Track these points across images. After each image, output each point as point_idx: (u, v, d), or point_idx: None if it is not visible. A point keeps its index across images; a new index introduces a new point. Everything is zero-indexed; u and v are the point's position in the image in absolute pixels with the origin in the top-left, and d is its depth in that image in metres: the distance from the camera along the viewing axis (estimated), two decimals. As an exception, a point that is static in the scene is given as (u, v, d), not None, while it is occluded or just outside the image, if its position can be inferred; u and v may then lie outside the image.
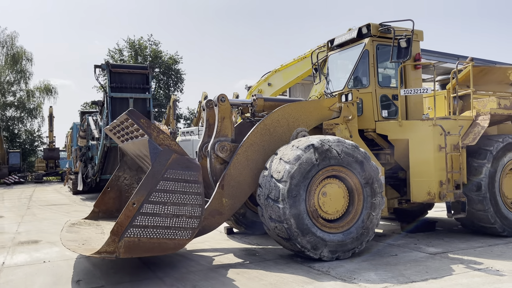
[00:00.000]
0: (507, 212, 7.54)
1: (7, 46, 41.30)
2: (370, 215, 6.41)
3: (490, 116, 7.58)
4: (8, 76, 42.25)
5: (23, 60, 42.20)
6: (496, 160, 7.48)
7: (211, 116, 7.43)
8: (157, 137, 5.40)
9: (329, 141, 6.27)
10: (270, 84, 14.42)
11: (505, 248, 6.70)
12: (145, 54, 45.07)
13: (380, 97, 7.77)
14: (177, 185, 5.28)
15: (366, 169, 6.39)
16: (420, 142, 7.42)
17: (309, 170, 6.06)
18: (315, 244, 6.03)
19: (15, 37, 41.79)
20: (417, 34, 8.17)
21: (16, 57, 41.59)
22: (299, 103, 7.28)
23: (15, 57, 41.43)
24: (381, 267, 5.77)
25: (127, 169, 7.81)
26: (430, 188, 7.32)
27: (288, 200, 5.91)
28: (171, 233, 5.21)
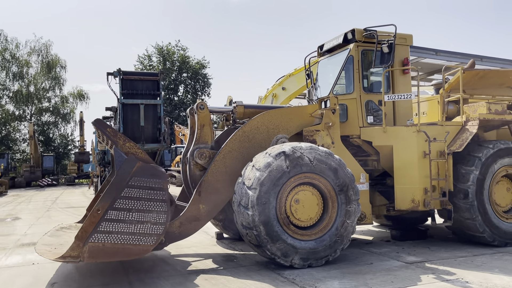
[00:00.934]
0: (497, 221, 7.28)
1: (42, 54, 43.14)
2: (344, 222, 6.36)
3: (479, 121, 7.35)
4: (44, 82, 44.08)
5: (57, 67, 43.90)
6: (486, 167, 7.24)
7: (194, 123, 7.56)
8: (123, 145, 5.59)
9: (302, 148, 6.28)
10: (284, 88, 14.48)
11: (488, 259, 6.48)
12: (173, 59, 45.94)
13: (365, 103, 7.69)
14: (142, 192, 5.44)
15: (340, 176, 6.35)
16: (404, 148, 7.30)
17: (279, 177, 6.09)
18: (286, 252, 6.05)
19: (49, 45, 43.64)
20: (406, 38, 8.06)
21: (51, 65, 43.36)
22: (279, 110, 7.32)
23: (50, 65, 43.20)
24: (350, 275, 5.72)
25: None
26: (414, 195, 7.19)
27: (257, 207, 5.96)
28: (136, 239, 5.37)
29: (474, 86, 8.48)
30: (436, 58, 20.59)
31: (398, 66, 7.89)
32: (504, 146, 7.41)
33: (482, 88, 8.65)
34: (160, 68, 44.29)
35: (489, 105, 7.50)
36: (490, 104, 7.53)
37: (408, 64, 7.93)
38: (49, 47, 43.41)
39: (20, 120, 43.98)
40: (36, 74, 43.70)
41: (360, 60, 7.71)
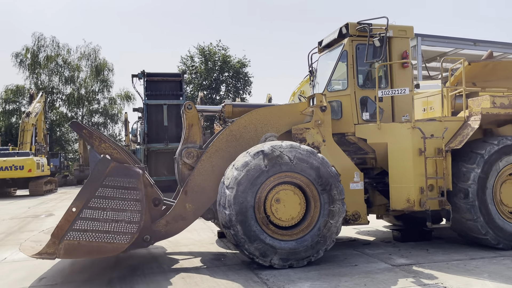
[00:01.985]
0: (502, 222, 6.80)
1: (91, 59, 45.15)
2: (327, 223, 6.19)
3: (481, 116, 6.89)
4: (93, 85, 46.17)
5: (105, 70, 45.81)
6: (489, 164, 6.78)
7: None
8: (98, 146, 5.75)
9: (281, 147, 6.18)
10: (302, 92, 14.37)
11: (485, 263, 6.08)
12: (214, 59, 46.55)
13: (360, 99, 7.43)
14: (116, 192, 5.57)
15: (322, 175, 6.19)
16: (398, 146, 6.99)
17: (257, 177, 6.02)
18: (264, 252, 5.98)
19: (98, 50, 45.60)
20: (406, 30, 7.71)
21: (99, 68, 45.32)
22: (268, 108, 7.23)
23: (98, 68, 45.15)
24: (326, 277, 5.57)
25: None
26: (410, 195, 6.87)
27: (234, 207, 5.93)
28: (110, 237, 5.51)
29: (487, 78, 8.00)
30: (475, 49, 19.63)
31: (398, 59, 7.56)
32: (511, 142, 6.91)
33: (497, 80, 8.16)
34: (202, 68, 45.07)
35: (494, 98, 7.01)
36: (494, 97, 7.03)
37: (407, 57, 7.57)
38: (97, 51, 45.39)
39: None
40: (86, 78, 45.84)
41: (355, 55, 7.46)
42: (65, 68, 45.24)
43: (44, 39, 44.24)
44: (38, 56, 44.09)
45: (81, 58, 45.68)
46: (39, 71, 44.48)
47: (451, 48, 19.67)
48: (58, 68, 44.85)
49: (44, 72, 44.67)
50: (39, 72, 44.56)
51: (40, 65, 44.16)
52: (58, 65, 44.80)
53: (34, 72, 44.36)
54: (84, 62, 45.84)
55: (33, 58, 43.88)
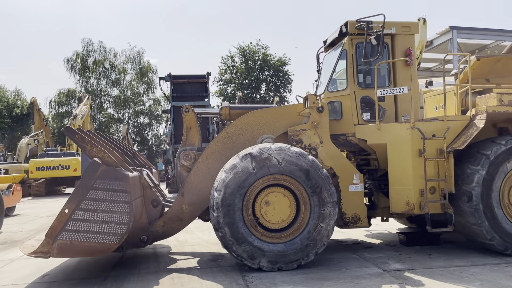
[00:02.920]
0: (510, 227, 6.41)
1: (135, 62, 46.73)
2: (317, 226, 6.11)
3: (486, 115, 6.52)
4: (138, 87, 47.79)
5: (149, 72, 47.26)
6: (495, 166, 6.41)
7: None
8: (90, 150, 5.97)
9: (270, 149, 6.16)
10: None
11: (484, 270, 5.76)
12: (254, 58, 46.79)
13: (360, 99, 7.25)
14: (106, 194, 5.78)
15: (312, 177, 6.11)
16: (398, 146, 6.76)
17: (245, 179, 6.04)
18: (252, 254, 6.00)
19: (142, 53, 47.16)
20: (410, 26, 7.43)
21: (144, 71, 46.82)
22: (265, 110, 7.22)
23: (143, 71, 46.66)
24: (309, 281, 5.50)
25: None
26: (409, 197, 6.63)
27: (222, 209, 5.99)
28: (101, 237, 5.73)
29: (502, 74, 7.59)
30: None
31: (401, 57, 7.30)
32: (520, 142, 6.50)
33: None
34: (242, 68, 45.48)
35: (501, 95, 6.61)
36: (502, 94, 6.64)
37: (410, 55, 7.30)
38: (141, 54, 46.95)
39: (120, 122, 48.16)
40: (131, 80, 47.52)
41: (355, 53, 7.28)
42: (111, 71, 47.14)
43: (92, 44, 46.33)
44: (87, 60, 46.23)
45: (126, 61, 47.43)
46: (88, 75, 46.64)
47: (492, 40, 18.67)
48: (105, 72, 46.80)
49: (92, 76, 46.77)
50: (88, 76, 46.72)
51: (89, 69, 46.29)
52: (105, 68, 46.74)
53: (84, 76, 46.57)
54: (129, 65, 47.56)
55: (83, 63, 46.09)
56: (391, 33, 7.34)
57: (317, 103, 6.97)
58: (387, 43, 7.34)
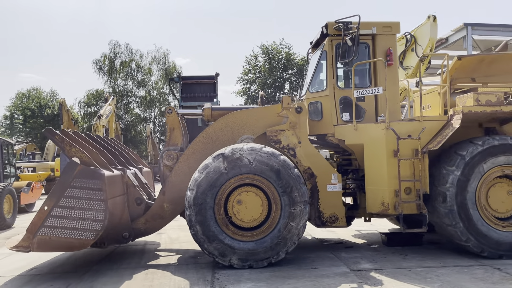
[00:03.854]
0: (486, 229, 6.32)
1: (161, 62, 47.60)
2: (287, 224, 6.21)
3: (462, 115, 6.45)
4: (164, 88, 48.65)
5: (174, 73, 48.02)
6: (470, 167, 6.33)
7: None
8: (69, 150, 6.27)
9: (242, 149, 6.31)
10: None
11: (452, 272, 5.72)
12: (278, 58, 46.85)
13: (339, 99, 7.29)
14: (83, 192, 6.07)
15: (283, 177, 6.22)
16: (373, 147, 6.77)
17: (217, 179, 6.21)
18: (223, 251, 6.16)
19: (167, 54, 47.91)
20: (391, 26, 7.41)
21: (168, 71, 47.59)
22: (245, 111, 7.36)
23: (168, 71, 47.45)
24: (273, 279, 5.62)
25: None
26: (384, 197, 6.64)
27: (194, 208, 6.18)
28: (78, 233, 6.02)
29: (488, 73, 7.45)
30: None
31: (382, 57, 7.30)
32: (498, 142, 6.39)
33: (502, 74, 7.53)
34: (266, 67, 45.67)
35: (478, 95, 6.51)
36: (479, 94, 6.53)
37: (391, 55, 7.28)
38: (166, 55, 47.70)
39: (146, 122, 49.17)
40: (157, 81, 48.40)
41: (334, 54, 7.32)
42: (138, 72, 48.12)
43: (119, 46, 47.39)
44: (114, 62, 47.37)
45: (152, 62, 48.28)
46: (115, 76, 47.81)
47: (509, 37, 18.06)
48: (132, 73, 47.84)
49: (120, 77, 47.92)
50: (115, 77, 47.89)
51: (116, 70, 47.47)
52: (131, 69, 47.79)
53: (111, 77, 47.74)
54: (155, 66, 48.40)
55: (110, 64, 47.26)
56: (372, 33, 7.35)
57: (292, 104, 7.06)
58: (367, 43, 7.36)
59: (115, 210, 6.49)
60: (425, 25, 13.82)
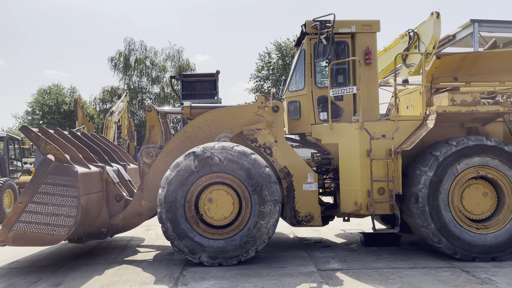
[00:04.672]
0: (459, 230, 6.22)
1: (175, 59, 47.98)
2: (257, 223, 6.24)
3: (436, 115, 6.36)
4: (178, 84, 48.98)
5: (188, 70, 48.31)
6: (443, 168, 6.24)
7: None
8: (44, 147, 6.41)
9: (213, 148, 6.35)
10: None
11: (416, 274, 5.66)
12: (292, 54, 46.64)
13: (317, 98, 7.26)
14: (56, 189, 6.21)
15: (253, 176, 6.25)
16: (347, 146, 6.75)
17: (187, 177, 6.28)
18: (193, 249, 6.23)
19: (181, 51, 48.26)
20: (371, 25, 7.34)
21: (183, 68, 47.91)
22: (223, 109, 7.39)
23: (182, 68, 47.77)
24: (238, 277, 5.65)
25: None
26: (357, 197, 6.62)
27: (164, 205, 6.26)
28: (51, 229, 6.17)
29: (472, 71, 7.31)
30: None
31: (361, 56, 7.24)
32: (473, 143, 6.28)
33: (487, 73, 7.39)
34: (279, 64, 45.58)
35: (453, 95, 6.41)
36: (454, 94, 6.43)
37: (370, 54, 7.21)
38: (180, 52, 48.06)
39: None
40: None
41: (313, 53, 7.29)
42: (152, 69, 48.59)
43: (134, 43, 47.93)
44: (129, 59, 47.93)
45: (166, 59, 48.69)
46: (130, 73, 48.38)
47: (519, 33, 17.63)
48: (146, 70, 48.33)
49: (134, 74, 48.47)
50: (130, 74, 48.46)
51: (131, 67, 48.03)
52: (146, 66, 48.28)
53: (126, 74, 48.35)
54: (169, 63, 48.79)
55: (125, 61, 47.84)
56: (351, 31, 7.29)
57: (267, 103, 7.07)
58: (346, 42, 7.31)
59: (91, 206, 6.63)
60: (428, 22, 13.55)
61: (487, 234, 6.24)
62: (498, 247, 6.20)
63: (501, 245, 6.21)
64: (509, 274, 5.54)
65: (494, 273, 5.63)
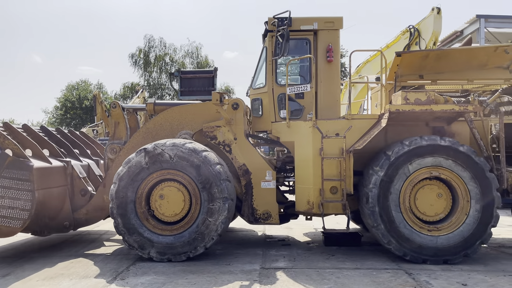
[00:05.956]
0: (409, 232, 6.09)
1: (193, 56, 48.37)
2: (206, 220, 6.28)
3: (389, 114, 6.23)
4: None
5: (207, 67, 48.65)
6: (395, 167, 6.11)
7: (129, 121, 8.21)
8: (3, 142, 6.61)
9: (164, 145, 6.41)
10: (361, 76, 14.02)
11: (354, 274, 5.57)
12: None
13: (278, 96, 7.23)
14: (12, 183, 6.40)
15: (203, 173, 6.28)
16: (302, 145, 6.71)
17: (138, 173, 6.37)
18: (142, 244, 6.32)
19: (200, 48, 48.63)
20: (333, 22, 7.25)
21: (201, 65, 48.27)
22: (184, 106, 7.44)
23: (200, 65, 48.14)
24: (178, 273, 5.69)
25: None
26: (310, 196, 6.58)
27: (116, 201, 6.37)
28: (7, 221, 6.37)
29: (436, 69, 7.15)
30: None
31: (322, 53, 7.16)
32: (426, 143, 6.12)
33: (451, 71, 7.21)
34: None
35: (406, 94, 6.25)
36: (407, 93, 6.27)
37: (330, 51, 7.12)
38: (199, 49, 48.43)
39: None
40: (190, 74, 49.26)
41: (274, 51, 7.25)
42: (171, 66, 49.12)
43: (153, 40, 48.57)
44: (148, 56, 48.61)
45: (185, 56, 49.13)
46: (150, 69, 49.08)
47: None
48: (165, 66, 48.92)
49: (154, 70, 49.13)
50: (150, 70, 49.16)
51: (151, 64, 48.71)
52: (165, 63, 48.86)
53: (146, 70, 49.07)
54: (188, 59, 49.22)
55: (145, 58, 48.55)
56: (313, 29, 7.22)
57: (226, 100, 7.09)
58: (308, 39, 7.25)
59: (50, 200, 6.81)
60: (429, 17, 13.24)
61: (439, 237, 6.08)
62: (449, 249, 6.04)
63: (453, 248, 6.04)
64: (451, 278, 5.39)
65: (438, 276, 5.49)
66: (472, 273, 5.62)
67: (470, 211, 6.07)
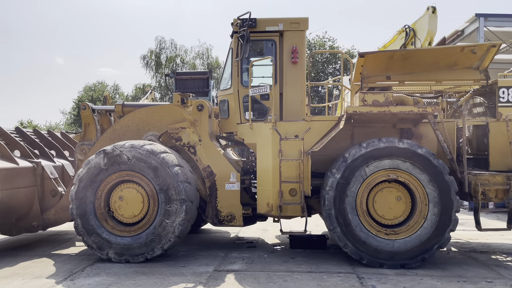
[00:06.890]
0: (366, 235, 5.98)
1: (203, 57, 48.59)
2: (163, 222, 6.29)
3: (346, 115, 6.14)
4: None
5: (216, 68, 48.82)
6: (351, 170, 6.01)
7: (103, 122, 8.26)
8: (-28, 142, 6.77)
9: (122, 146, 6.45)
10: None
11: (305, 278, 5.52)
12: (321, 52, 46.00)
13: (243, 97, 7.19)
14: (-22, 183, 6.54)
15: (160, 175, 6.30)
16: (263, 146, 6.67)
17: (97, 174, 6.42)
18: (100, 245, 6.37)
19: (210, 49, 48.79)
20: (299, 22, 7.17)
21: (211, 66, 48.44)
22: (150, 108, 7.47)
23: (210, 66, 48.32)
24: (130, 275, 5.71)
25: None
26: (269, 198, 6.53)
27: (75, 201, 6.44)
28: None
29: (403, 70, 7.04)
30: None
31: (287, 54, 7.10)
32: (384, 145, 6.01)
33: (418, 71, 7.08)
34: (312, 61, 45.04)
35: (364, 95, 6.15)
36: (365, 94, 6.17)
37: (295, 52, 7.05)
38: (209, 50, 48.61)
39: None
40: (201, 75, 49.47)
41: (237, 52, 7.22)
42: (182, 67, 49.41)
43: (164, 42, 48.96)
44: (160, 57, 49.03)
45: (196, 57, 49.40)
46: (161, 71, 49.48)
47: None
48: (176, 68, 49.24)
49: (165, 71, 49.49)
50: (161, 72, 49.56)
51: (162, 65, 49.11)
52: (176, 64, 49.19)
53: (158, 71, 49.50)
54: (198, 61, 49.47)
55: (156, 60, 48.98)
56: (279, 30, 7.16)
57: (190, 101, 7.09)
58: (274, 40, 7.19)
59: (15, 201, 6.92)
60: (424, 17, 13.06)
61: (396, 240, 5.97)
62: (406, 254, 5.92)
63: (410, 251, 5.92)
64: (400, 283, 5.28)
65: (388, 281, 5.39)
66: (425, 278, 5.50)
67: (428, 214, 5.94)
